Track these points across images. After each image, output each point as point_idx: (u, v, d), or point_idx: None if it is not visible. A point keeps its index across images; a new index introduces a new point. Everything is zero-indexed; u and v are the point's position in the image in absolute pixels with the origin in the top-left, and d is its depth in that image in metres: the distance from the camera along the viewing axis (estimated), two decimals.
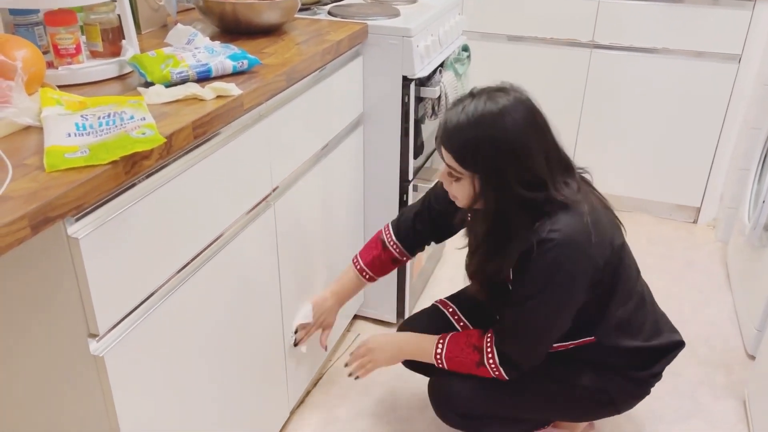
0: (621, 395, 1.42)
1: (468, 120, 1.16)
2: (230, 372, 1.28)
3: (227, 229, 1.19)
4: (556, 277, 1.20)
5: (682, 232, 2.61)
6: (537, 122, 1.19)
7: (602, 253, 1.22)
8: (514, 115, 1.15)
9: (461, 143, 1.18)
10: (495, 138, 1.15)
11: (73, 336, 0.91)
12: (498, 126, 1.15)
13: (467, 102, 1.18)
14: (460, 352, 1.33)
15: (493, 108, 1.15)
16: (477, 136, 1.16)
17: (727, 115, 2.43)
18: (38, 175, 0.82)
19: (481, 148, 1.16)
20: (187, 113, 1.03)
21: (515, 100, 1.17)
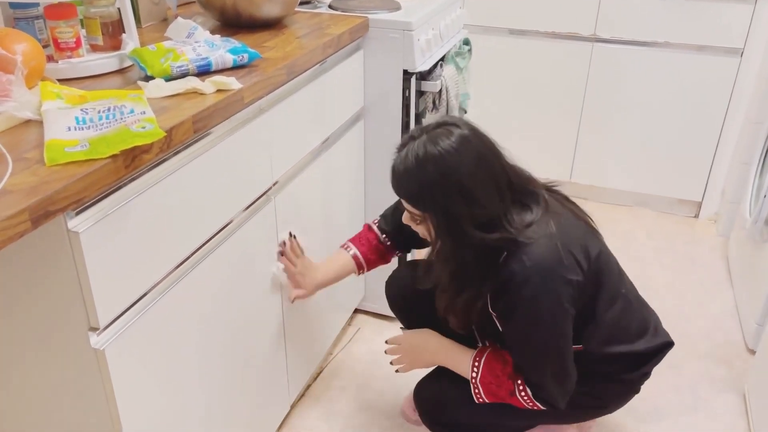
0: (611, 398, 1.41)
1: (411, 165, 1.14)
2: (231, 365, 1.28)
3: (228, 223, 1.19)
4: (543, 309, 1.18)
5: (683, 226, 2.60)
6: (483, 157, 1.16)
7: (578, 269, 1.20)
8: (456, 157, 1.13)
9: (409, 188, 1.17)
10: (439, 181, 1.13)
11: (74, 329, 0.91)
12: (440, 168, 1.13)
13: (410, 145, 1.16)
14: (495, 379, 1.29)
15: (433, 151, 1.13)
16: (421, 181, 1.14)
17: (729, 110, 2.43)
18: (38, 169, 0.82)
19: (428, 191, 1.15)
20: (187, 107, 1.03)
21: (458, 138, 1.14)
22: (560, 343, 1.24)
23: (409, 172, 1.15)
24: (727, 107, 2.43)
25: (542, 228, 1.19)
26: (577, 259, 1.20)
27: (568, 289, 1.19)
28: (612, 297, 1.30)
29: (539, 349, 1.23)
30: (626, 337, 1.35)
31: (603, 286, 1.28)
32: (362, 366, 1.86)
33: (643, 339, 1.37)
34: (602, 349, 1.32)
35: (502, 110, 2.72)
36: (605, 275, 1.28)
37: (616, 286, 1.32)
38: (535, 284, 1.16)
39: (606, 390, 1.39)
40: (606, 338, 1.32)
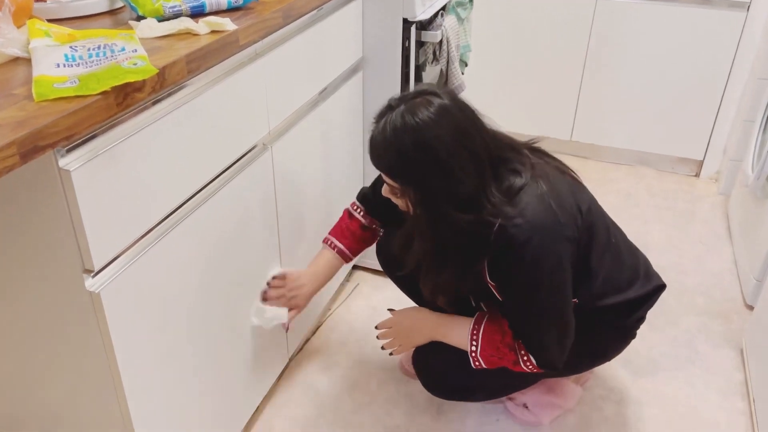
0: (609, 346, 1.42)
1: (388, 136, 1.10)
2: (229, 314, 1.27)
3: (224, 170, 1.17)
4: (544, 271, 1.16)
5: (684, 185, 2.59)
6: (462, 130, 1.12)
7: (573, 225, 1.18)
8: (434, 128, 1.09)
9: (386, 160, 1.14)
10: (415, 153, 1.10)
11: (69, 272, 0.90)
12: (418, 140, 1.09)
13: (388, 116, 1.12)
14: (496, 351, 1.28)
15: (411, 121, 1.09)
16: (398, 152, 1.11)
17: (734, 66, 2.39)
18: (27, 104, 0.80)
19: (405, 164, 1.11)
20: (180, 47, 1.00)
21: (438, 108, 1.10)
22: (562, 304, 1.23)
23: (387, 143, 1.11)
24: (731, 63, 2.38)
25: (533, 190, 1.16)
26: (571, 214, 1.19)
27: (567, 246, 1.18)
28: (603, 249, 1.29)
29: (542, 313, 1.22)
30: (619, 286, 1.34)
31: (595, 239, 1.26)
32: (360, 321, 1.86)
33: (636, 285, 1.36)
34: (597, 302, 1.32)
35: (503, 67, 2.67)
36: (596, 228, 1.27)
37: (606, 237, 1.31)
38: (535, 246, 1.13)
39: (603, 339, 1.39)
40: (600, 291, 1.31)
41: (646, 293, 1.38)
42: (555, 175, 1.23)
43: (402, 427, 1.54)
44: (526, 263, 1.15)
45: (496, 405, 1.59)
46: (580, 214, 1.21)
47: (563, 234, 1.17)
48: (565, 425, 1.55)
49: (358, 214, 1.51)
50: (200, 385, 1.22)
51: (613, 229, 1.36)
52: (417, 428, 1.54)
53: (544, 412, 1.53)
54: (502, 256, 1.16)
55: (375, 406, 1.59)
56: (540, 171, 1.21)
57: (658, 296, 1.41)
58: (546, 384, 1.55)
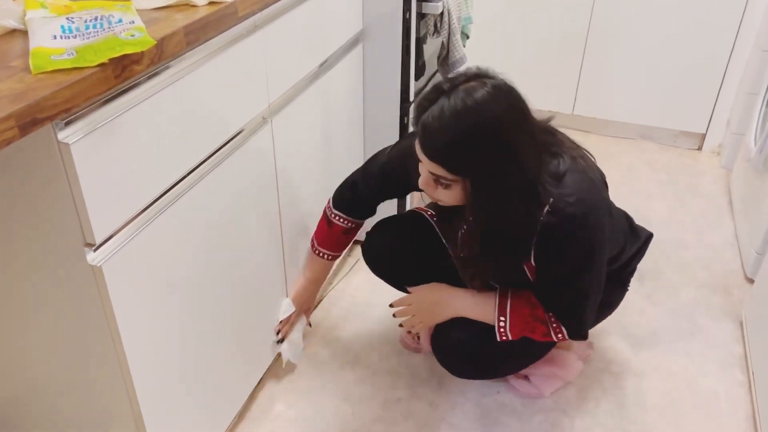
0: (612, 299, 1.47)
1: (447, 121, 1.03)
2: (230, 287, 1.28)
3: (224, 143, 1.16)
4: (596, 246, 1.17)
5: (686, 159, 2.58)
6: (519, 107, 1.08)
7: (608, 199, 1.22)
8: (495, 107, 1.03)
9: (445, 148, 1.05)
10: (482, 135, 1.03)
11: (70, 245, 0.90)
12: (482, 121, 1.03)
13: (443, 101, 1.04)
14: (525, 325, 1.27)
15: (473, 103, 1.02)
16: (464, 138, 1.03)
17: (738, 38, 2.36)
18: (24, 76, 0.79)
19: (469, 148, 1.04)
20: (178, 18, 0.99)
21: (493, 88, 1.05)
22: (603, 277, 1.24)
23: (445, 129, 1.03)
24: (735, 35, 2.36)
25: (575, 168, 1.15)
26: (605, 191, 1.21)
27: (610, 220, 1.21)
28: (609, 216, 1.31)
29: (587, 288, 1.22)
30: (614, 252, 1.37)
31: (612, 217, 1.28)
32: (361, 295, 1.87)
33: (628, 245, 1.42)
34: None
35: (505, 40, 2.64)
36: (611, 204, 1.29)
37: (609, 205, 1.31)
38: (590, 223, 1.14)
39: (609, 292, 1.38)
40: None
41: (638, 249, 1.45)
42: (582, 152, 1.23)
43: (404, 399, 1.55)
44: (582, 241, 1.15)
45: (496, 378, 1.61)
46: (605, 187, 1.25)
47: (608, 208, 1.20)
48: (565, 397, 1.56)
49: (337, 220, 1.49)
50: (203, 357, 1.23)
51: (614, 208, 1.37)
52: (418, 400, 1.55)
53: (545, 384, 1.55)
54: (556, 236, 1.14)
55: (377, 378, 1.61)
56: (571, 149, 1.20)
57: (647, 246, 1.48)
58: (547, 356, 1.56)
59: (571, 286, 1.22)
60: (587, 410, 1.53)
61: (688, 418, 1.51)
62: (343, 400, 1.55)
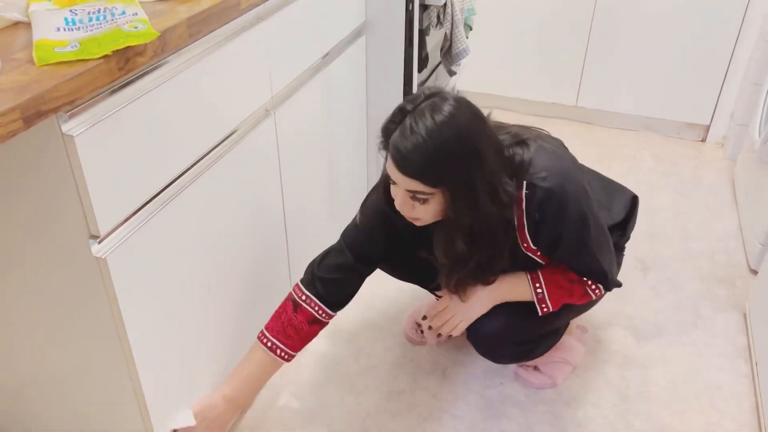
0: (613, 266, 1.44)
1: (421, 138, 1.05)
2: (235, 280, 1.28)
3: (227, 135, 1.16)
4: (586, 207, 1.22)
5: (690, 150, 2.57)
6: (479, 115, 1.14)
7: (575, 161, 1.28)
8: (462, 118, 1.08)
9: (420, 163, 1.07)
10: (456, 147, 1.07)
11: (75, 237, 0.90)
12: (453, 133, 1.07)
13: (409, 120, 1.07)
14: (561, 290, 1.31)
15: (442, 117, 1.06)
16: (437, 150, 1.06)
17: (742, 28, 2.34)
18: (28, 68, 0.79)
19: (445, 160, 1.08)
20: (181, 11, 0.99)
21: (455, 101, 1.10)
22: (605, 229, 1.30)
23: (419, 146, 1.06)
24: (740, 26, 2.34)
25: (543, 150, 1.20)
26: (570, 156, 1.28)
27: (582, 177, 1.26)
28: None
29: (598, 246, 1.27)
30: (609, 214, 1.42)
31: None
32: (365, 286, 1.86)
33: (616, 208, 1.46)
34: None
35: (508, 31, 2.63)
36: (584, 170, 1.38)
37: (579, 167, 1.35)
38: (570, 189, 1.19)
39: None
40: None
41: (628, 212, 1.47)
42: (534, 133, 1.28)
43: (407, 390, 1.56)
44: (569, 207, 1.19)
45: (500, 368, 1.61)
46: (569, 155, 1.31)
47: (579, 168, 1.27)
48: (568, 388, 1.56)
49: (307, 304, 1.32)
50: (207, 349, 1.24)
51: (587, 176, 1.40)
52: (422, 391, 1.56)
53: (556, 371, 1.56)
54: (543, 214, 1.19)
55: (381, 370, 1.61)
56: (540, 137, 1.26)
57: (637, 209, 1.50)
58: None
59: (582, 249, 1.26)
60: (591, 402, 1.53)
61: (692, 409, 1.51)
62: (346, 392, 1.55)
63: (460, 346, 1.68)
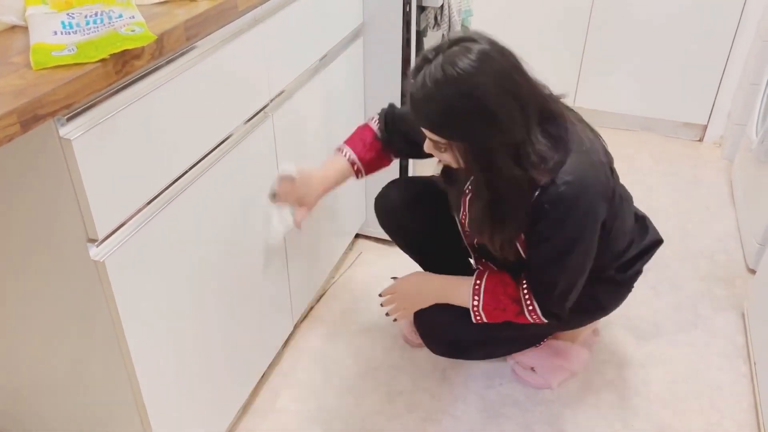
0: (608, 298, 1.44)
1: (429, 91, 1.04)
2: (234, 283, 1.28)
3: (225, 138, 1.16)
4: (586, 230, 1.18)
5: (688, 150, 2.57)
6: (506, 75, 1.06)
7: (609, 184, 1.19)
8: (477, 77, 1.03)
9: (429, 116, 1.08)
10: (460, 105, 1.04)
11: (73, 241, 0.90)
12: (461, 91, 1.03)
13: (426, 69, 1.05)
14: (498, 303, 1.29)
15: (452, 72, 1.02)
16: (441, 106, 1.05)
17: (739, 28, 2.35)
18: (25, 72, 0.79)
19: (449, 117, 1.06)
20: (178, 14, 0.99)
21: (478, 55, 1.04)
22: (588, 263, 1.24)
23: (428, 97, 1.05)
24: (736, 26, 2.35)
25: (579, 146, 1.14)
26: (607, 174, 1.19)
27: (605, 207, 1.19)
28: (616, 212, 1.29)
29: (570, 269, 1.23)
30: (622, 247, 1.37)
31: (613, 203, 1.25)
32: (364, 289, 1.87)
33: (634, 245, 1.40)
34: (601, 262, 1.32)
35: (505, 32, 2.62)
36: (615, 190, 1.26)
37: (619, 199, 1.30)
38: (583, 205, 1.14)
39: (603, 291, 1.41)
40: (609, 252, 1.32)
41: (642, 249, 1.41)
42: (590, 134, 1.22)
43: (406, 392, 1.56)
44: (571, 221, 1.16)
45: (499, 369, 1.61)
46: (612, 174, 1.23)
47: (605, 194, 1.18)
48: (568, 389, 1.56)
49: (373, 123, 1.43)
50: (207, 353, 1.23)
51: (621, 190, 1.35)
52: (421, 393, 1.56)
53: (552, 375, 1.55)
54: (548, 212, 1.14)
55: (380, 371, 1.61)
56: (580, 127, 1.20)
57: (654, 251, 1.44)
58: (553, 347, 1.56)
59: (554, 264, 1.22)
60: (590, 402, 1.53)
61: (691, 409, 1.52)
62: (346, 393, 1.55)
63: None
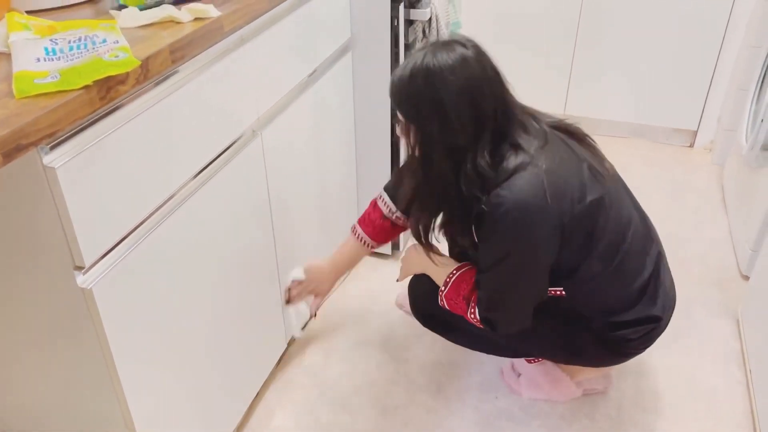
0: (587, 348, 1.37)
1: (405, 73, 1.14)
2: (224, 303, 1.27)
3: (214, 159, 1.16)
4: (515, 244, 1.17)
5: (679, 155, 2.58)
6: (475, 84, 1.13)
7: (562, 212, 1.15)
8: (447, 75, 1.11)
9: (397, 94, 1.17)
10: (421, 93, 1.13)
11: (60, 269, 0.89)
12: (427, 82, 1.12)
13: (415, 55, 1.15)
14: (455, 296, 1.34)
15: (429, 63, 1.12)
16: (408, 89, 1.15)
17: (727, 34, 2.36)
18: (8, 101, 0.79)
19: (410, 101, 1.15)
20: (163, 36, 0.98)
21: (458, 57, 1.12)
22: (523, 282, 1.25)
23: (402, 79, 1.15)
24: (724, 31, 2.36)
25: (531, 168, 1.14)
26: (564, 203, 1.15)
27: (548, 230, 1.16)
28: (604, 256, 1.25)
29: (501, 281, 1.25)
30: (610, 302, 1.30)
31: (598, 238, 1.22)
32: (358, 303, 1.87)
33: (634, 310, 1.31)
34: (583, 304, 1.30)
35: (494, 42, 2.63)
36: (599, 231, 1.22)
37: (612, 246, 1.25)
38: (512, 221, 1.14)
39: (580, 338, 1.35)
40: (588, 295, 1.29)
41: (640, 318, 1.32)
42: (569, 162, 1.20)
43: (402, 406, 1.55)
44: (498, 234, 1.18)
45: (494, 382, 1.60)
46: (579, 204, 1.18)
47: (546, 220, 1.15)
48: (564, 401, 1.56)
49: (382, 202, 1.53)
50: (199, 374, 1.22)
51: (628, 236, 1.28)
52: (417, 407, 1.55)
53: (527, 388, 1.56)
54: (483, 219, 1.18)
55: (375, 387, 1.60)
56: (551, 152, 1.18)
57: (648, 327, 1.33)
58: (548, 368, 1.55)
59: (489, 269, 1.25)
60: (586, 413, 1.53)
61: (687, 416, 1.51)
62: (341, 410, 1.54)
63: (453, 362, 1.67)
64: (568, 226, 1.18)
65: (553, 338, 1.38)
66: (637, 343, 1.35)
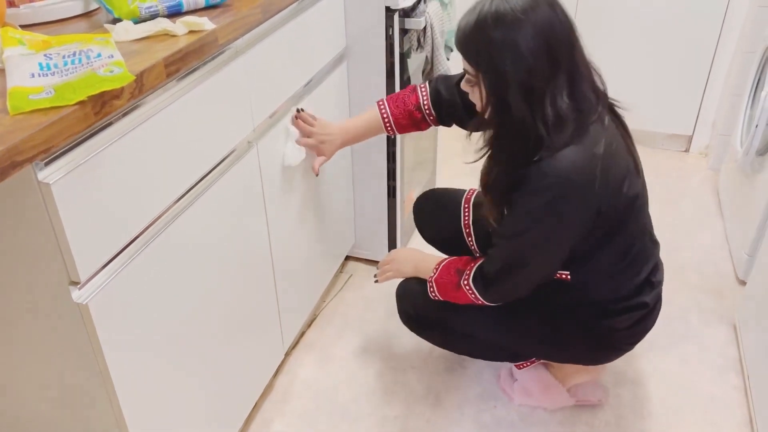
0: (573, 341, 1.37)
1: (474, 19, 1.12)
2: (221, 315, 1.27)
3: (209, 171, 1.16)
4: (547, 219, 1.15)
5: (675, 161, 2.59)
6: (550, 28, 1.11)
7: (605, 199, 1.15)
8: (522, 18, 1.08)
9: (467, 42, 1.14)
10: (496, 37, 1.10)
11: (55, 284, 0.89)
12: (501, 25, 1.09)
13: (483, 2, 1.12)
14: (446, 276, 1.35)
15: (501, 7, 1.09)
16: (480, 35, 1.11)
17: (721, 39, 2.37)
18: (2, 118, 0.78)
19: (484, 46, 1.12)
20: (158, 50, 0.98)
21: (532, 1, 1.10)
22: (538, 257, 1.23)
23: (471, 25, 1.12)
24: (718, 37, 2.37)
25: (590, 143, 1.13)
26: (609, 189, 1.16)
27: (584, 213, 1.16)
28: (623, 249, 1.26)
29: (518, 251, 1.23)
30: (615, 291, 1.31)
31: (620, 232, 1.23)
32: (355, 312, 1.86)
33: (624, 302, 1.32)
34: (588, 290, 1.30)
35: None
36: (629, 224, 1.24)
37: (631, 238, 1.26)
38: (555, 192, 1.13)
39: (570, 332, 1.35)
40: (596, 282, 1.30)
41: (624, 308, 1.32)
42: (622, 151, 1.21)
43: (400, 416, 1.55)
44: (534, 204, 1.15)
45: (493, 392, 1.60)
46: (620, 195, 1.19)
47: (586, 204, 1.15)
48: (562, 409, 1.56)
49: (422, 92, 1.47)
50: (196, 387, 1.22)
51: (639, 241, 1.29)
52: (415, 417, 1.54)
53: (520, 394, 1.56)
54: (524, 183, 1.15)
55: (373, 396, 1.60)
56: (609, 136, 1.18)
57: (633, 315, 1.33)
58: (539, 373, 1.55)
59: (507, 240, 1.24)
60: (584, 421, 1.52)
61: (686, 424, 1.51)
62: (339, 419, 1.54)
63: (451, 371, 1.67)
64: (603, 214, 1.18)
65: (539, 327, 1.36)
66: (625, 334, 1.35)
